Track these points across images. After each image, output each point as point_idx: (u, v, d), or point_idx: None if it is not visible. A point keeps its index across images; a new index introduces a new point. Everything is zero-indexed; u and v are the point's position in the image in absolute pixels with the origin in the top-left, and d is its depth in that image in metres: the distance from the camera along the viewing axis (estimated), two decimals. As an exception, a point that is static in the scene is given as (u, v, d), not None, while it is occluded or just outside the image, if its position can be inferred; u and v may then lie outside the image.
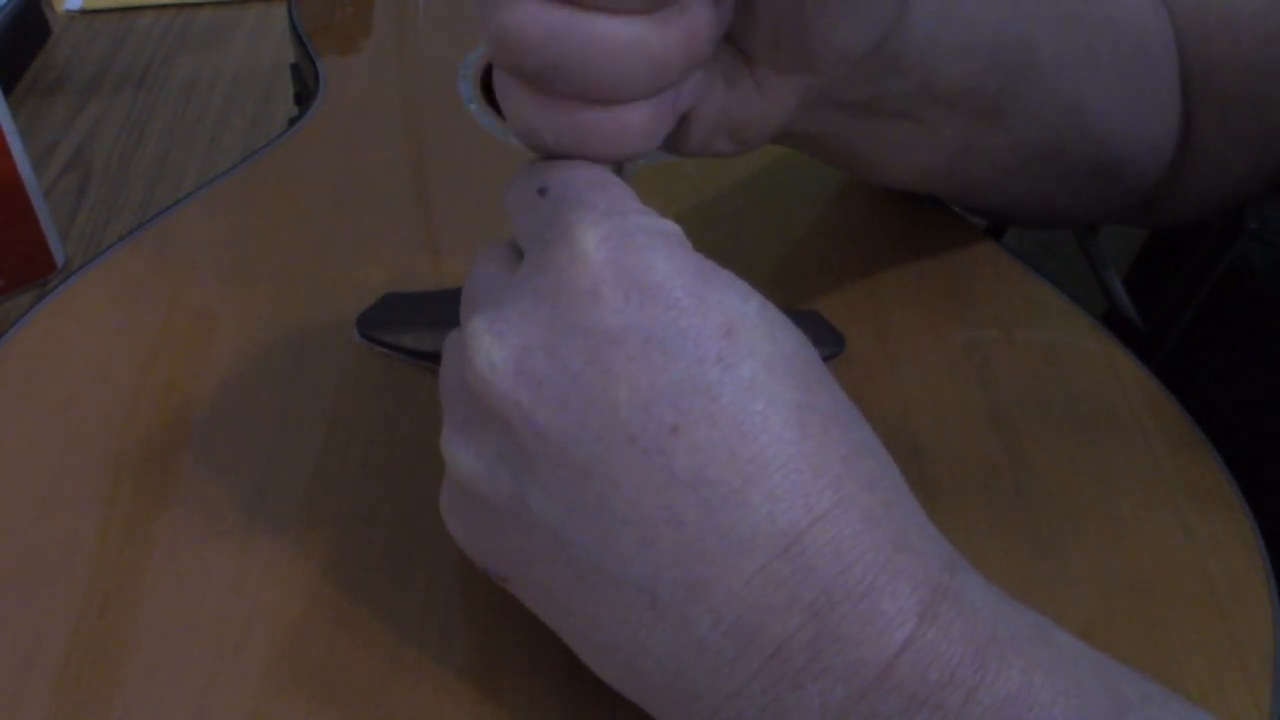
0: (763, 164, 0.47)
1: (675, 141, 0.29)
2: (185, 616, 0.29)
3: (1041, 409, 0.36)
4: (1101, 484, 0.34)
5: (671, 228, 0.24)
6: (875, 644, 0.21)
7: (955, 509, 0.33)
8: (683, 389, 0.22)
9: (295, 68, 0.56)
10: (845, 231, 0.43)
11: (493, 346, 0.23)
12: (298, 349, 0.37)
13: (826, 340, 0.38)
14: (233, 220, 0.42)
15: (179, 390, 0.35)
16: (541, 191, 0.25)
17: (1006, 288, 0.41)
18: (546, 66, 0.24)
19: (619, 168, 0.27)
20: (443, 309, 0.38)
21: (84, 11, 0.68)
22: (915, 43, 0.30)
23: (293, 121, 0.49)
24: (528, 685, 0.28)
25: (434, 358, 0.36)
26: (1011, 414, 0.36)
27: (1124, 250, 0.64)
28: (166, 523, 0.31)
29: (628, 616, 0.23)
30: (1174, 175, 0.42)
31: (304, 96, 0.55)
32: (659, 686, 0.24)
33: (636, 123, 0.25)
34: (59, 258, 0.49)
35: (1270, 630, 0.30)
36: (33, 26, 0.64)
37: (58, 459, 0.33)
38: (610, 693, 0.25)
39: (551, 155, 0.26)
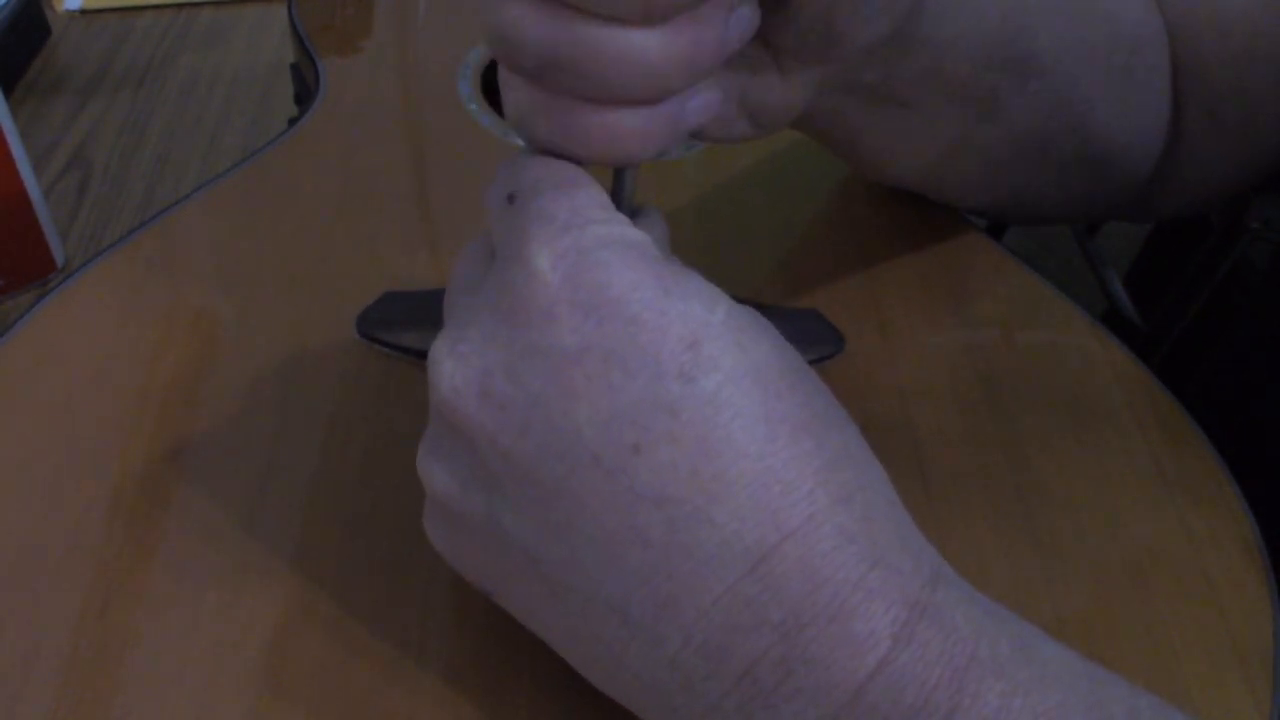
0: (763, 163, 0.47)
1: (697, 129, 0.29)
2: (185, 616, 0.29)
3: (1041, 408, 0.36)
4: (1100, 482, 0.34)
5: (636, 236, 0.24)
6: (847, 666, 0.21)
7: (954, 507, 0.33)
8: (643, 407, 0.22)
9: (295, 68, 0.56)
10: (846, 230, 0.43)
11: (455, 369, 0.23)
12: (298, 349, 0.37)
13: (826, 340, 0.38)
14: (233, 220, 0.42)
15: (179, 390, 0.35)
16: (511, 198, 0.25)
17: (1006, 287, 0.41)
18: (542, 65, 0.23)
19: (616, 169, 0.27)
20: (442, 308, 0.38)
21: (84, 11, 0.68)
22: (925, 27, 0.30)
23: (293, 121, 0.49)
24: (527, 687, 0.28)
25: (434, 357, 0.36)
26: (1011, 413, 0.36)
27: (1124, 250, 0.64)
28: (167, 523, 0.31)
29: (602, 633, 0.23)
30: (1165, 170, 0.42)
31: (304, 96, 0.55)
32: (640, 698, 0.24)
33: (630, 128, 0.24)
34: (59, 258, 0.49)
35: (1269, 628, 0.30)
36: (33, 26, 0.64)
37: (58, 459, 0.33)
38: (609, 701, 0.25)
39: (545, 151, 0.25)
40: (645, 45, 0.23)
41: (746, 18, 0.25)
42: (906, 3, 0.29)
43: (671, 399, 0.22)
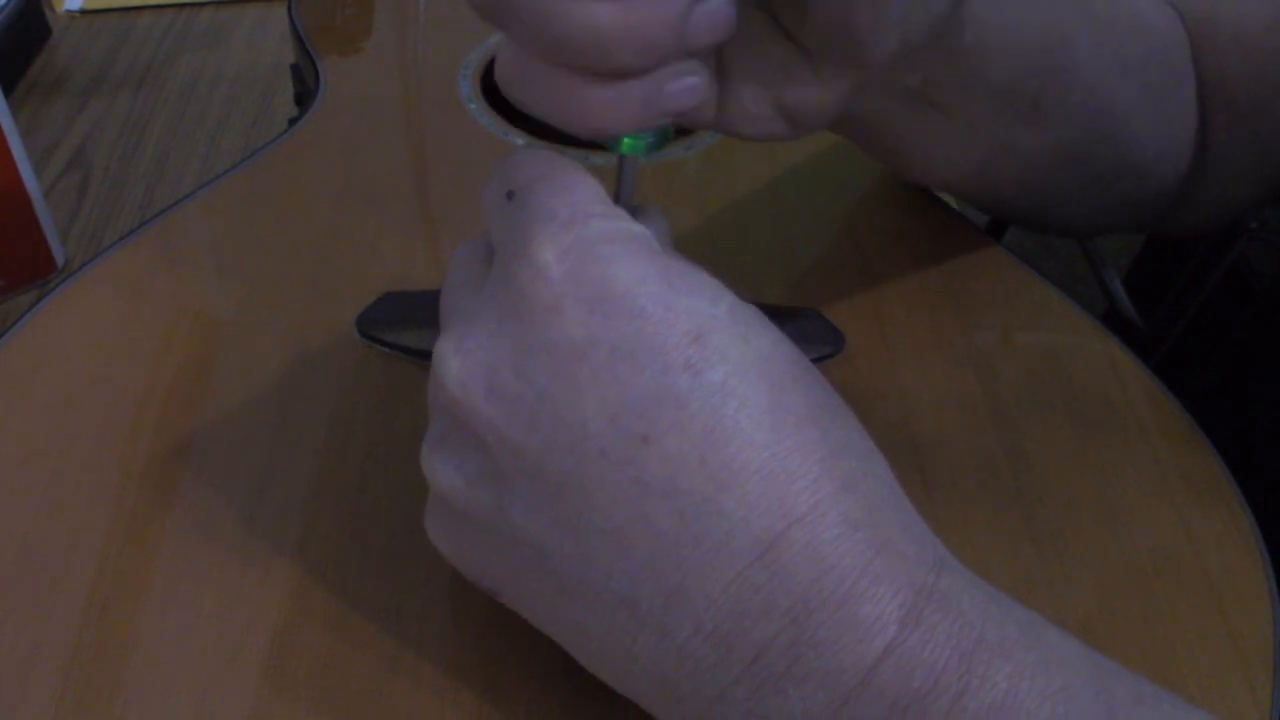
0: (763, 163, 0.47)
1: (734, 124, 0.29)
2: (186, 616, 0.29)
3: (1041, 407, 0.36)
4: (1101, 482, 0.34)
5: (638, 231, 0.24)
6: (855, 650, 0.21)
7: (955, 507, 0.33)
8: (650, 399, 0.22)
9: (295, 68, 0.56)
10: (846, 231, 0.43)
11: (461, 366, 0.23)
12: (298, 349, 0.37)
13: (826, 339, 0.38)
14: (233, 220, 0.42)
15: (179, 390, 0.35)
16: (510, 195, 0.25)
17: (1006, 288, 0.41)
18: (488, 4, 0.23)
19: (620, 164, 0.27)
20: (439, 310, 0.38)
21: (84, 11, 0.68)
22: (967, 34, 0.31)
23: (293, 121, 0.49)
24: (527, 685, 0.28)
25: (434, 357, 0.36)
26: (1011, 412, 0.36)
27: (1124, 250, 0.64)
28: (167, 523, 0.31)
29: (611, 625, 0.23)
30: (1191, 182, 0.42)
31: (304, 96, 0.55)
32: (649, 690, 0.24)
33: (600, 100, 0.24)
34: (59, 258, 0.49)
35: (1270, 627, 0.30)
36: (33, 26, 0.64)
37: (58, 459, 0.33)
38: (609, 693, 0.25)
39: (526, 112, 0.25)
40: (592, 8, 0.22)
41: (718, 13, 0.24)
42: (940, 12, 0.28)
43: (679, 391, 0.22)
